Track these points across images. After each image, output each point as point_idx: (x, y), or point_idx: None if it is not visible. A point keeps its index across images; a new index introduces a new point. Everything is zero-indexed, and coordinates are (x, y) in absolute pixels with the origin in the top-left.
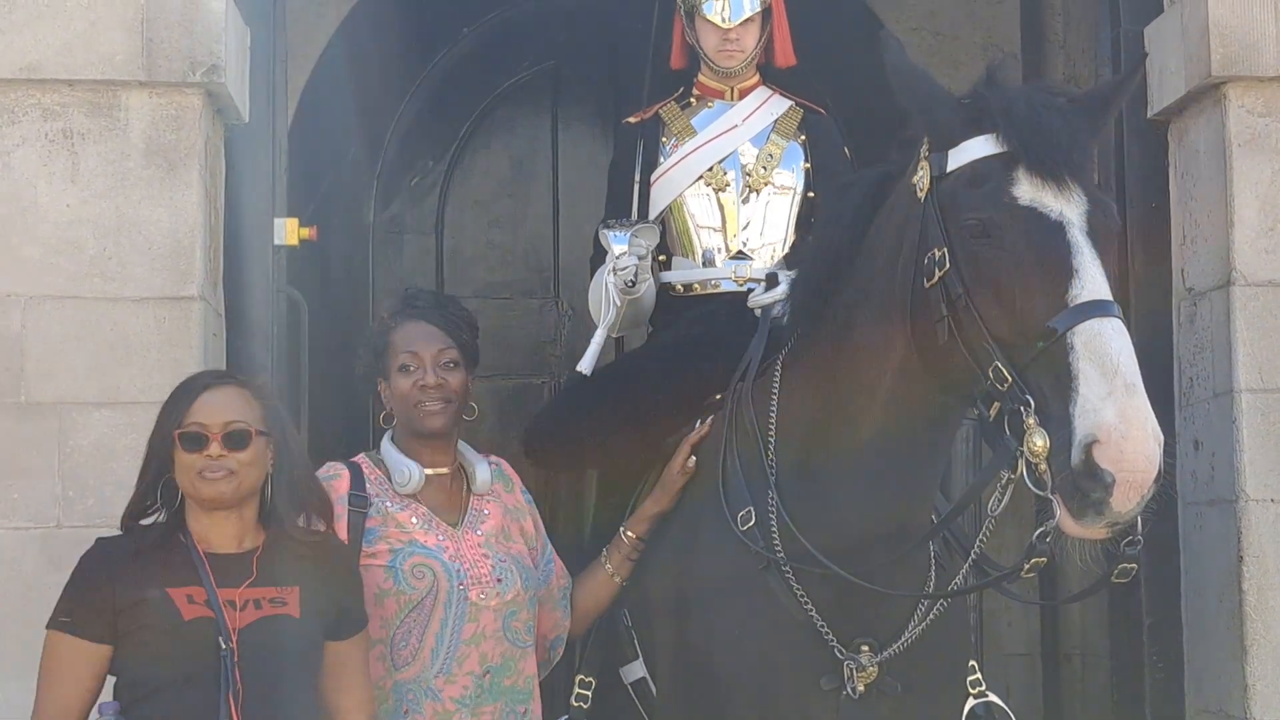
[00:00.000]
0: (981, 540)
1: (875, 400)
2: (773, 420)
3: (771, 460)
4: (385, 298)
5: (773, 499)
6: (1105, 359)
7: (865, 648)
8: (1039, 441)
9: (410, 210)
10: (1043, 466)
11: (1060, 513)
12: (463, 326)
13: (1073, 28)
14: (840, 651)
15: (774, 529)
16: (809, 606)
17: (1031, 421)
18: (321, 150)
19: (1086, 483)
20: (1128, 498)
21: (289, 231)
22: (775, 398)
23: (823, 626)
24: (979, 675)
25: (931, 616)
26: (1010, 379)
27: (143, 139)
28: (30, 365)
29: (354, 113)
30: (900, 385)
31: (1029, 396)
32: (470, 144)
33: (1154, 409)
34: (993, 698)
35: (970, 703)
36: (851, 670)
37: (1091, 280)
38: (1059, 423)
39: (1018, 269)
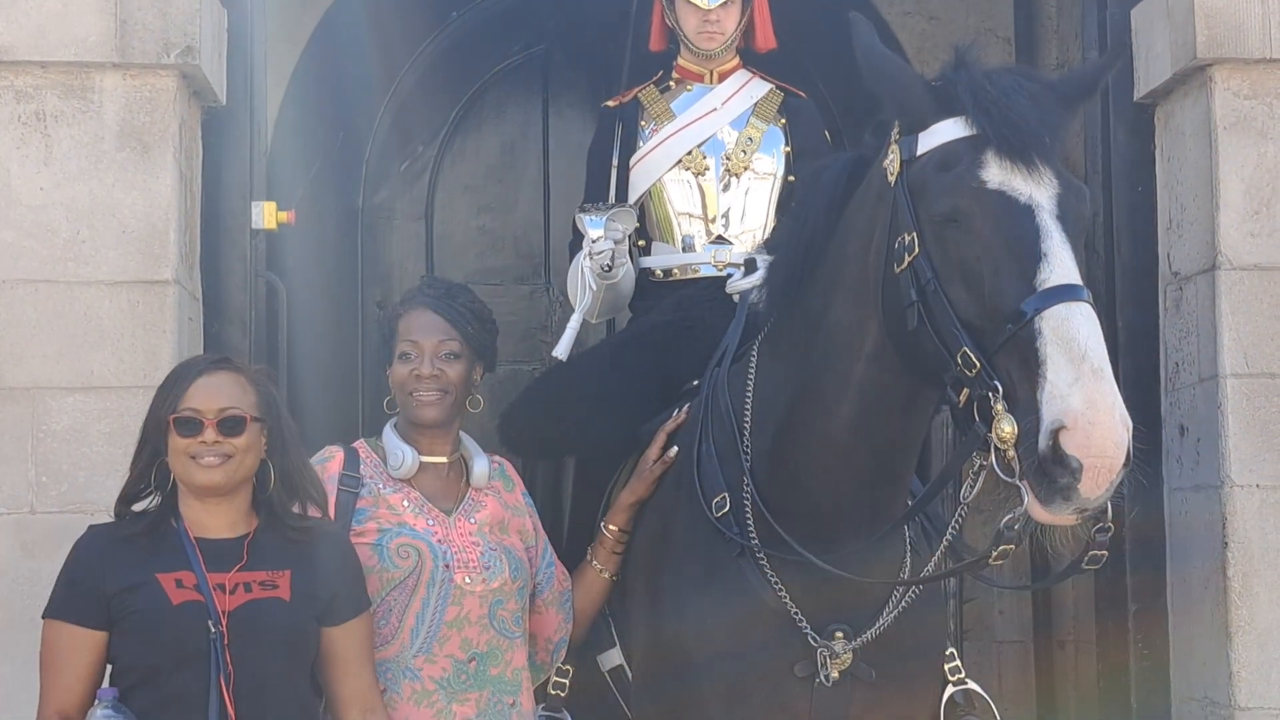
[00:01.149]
0: (955, 527)
1: (849, 386)
2: (748, 406)
3: (746, 446)
4: (374, 283)
5: (748, 485)
6: (1073, 344)
7: (839, 634)
8: (1007, 428)
9: (400, 195)
10: (1011, 453)
11: (1029, 499)
12: (470, 318)
13: (1065, 12)
14: (814, 639)
15: (748, 515)
16: (783, 593)
17: (999, 407)
18: (310, 134)
19: (1054, 469)
20: (1096, 484)
21: (267, 215)
22: (750, 383)
23: (796, 613)
24: (958, 663)
25: (906, 603)
26: (978, 365)
27: (116, 121)
28: (3, 350)
29: (343, 97)
30: (874, 371)
31: (997, 382)
32: (460, 129)
33: (1139, 393)
34: (972, 685)
35: (949, 690)
36: (825, 657)
37: (1060, 264)
38: (1027, 409)
39: (986, 253)
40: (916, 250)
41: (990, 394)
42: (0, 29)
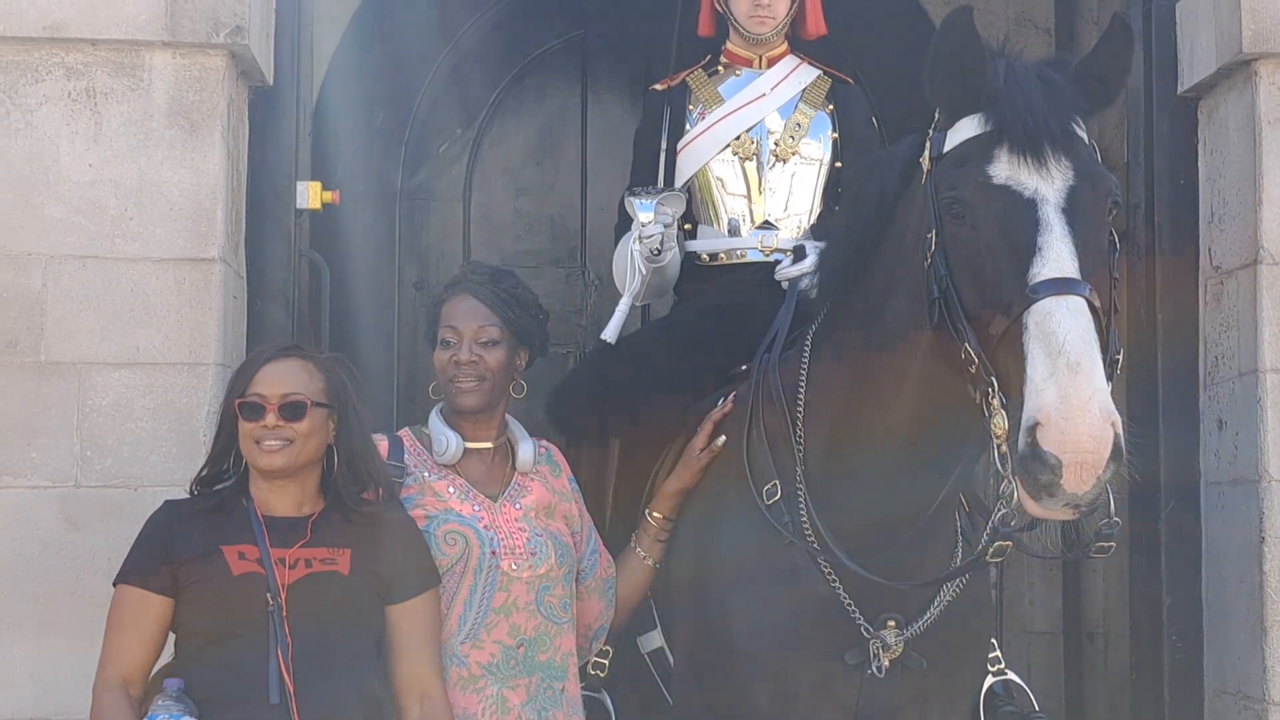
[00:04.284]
0: (995, 519)
1: (907, 379)
2: (801, 395)
3: (800, 436)
4: (412, 264)
5: (800, 475)
6: (1051, 338)
7: (891, 624)
8: (1000, 423)
9: (438, 177)
10: (1004, 448)
11: (1020, 494)
12: (512, 304)
13: (1106, 3)
14: (866, 630)
15: (800, 505)
16: (835, 582)
17: (995, 403)
18: (350, 115)
19: (1033, 465)
20: (1080, 479)
21: (311, 195)
22: (804, 372)
23: (849, 603)
24: (999, 653)
25: (955, 593)
26: (976, 360)
27: (165, 100)
28: (50, 324)
29: (383, 78)
30: (931, 367)
31: (993, 377)
32: (499, 112)
33: (1178, 387)
34: (1011, 676)
35: (989, 681)
36: (878, 648)
37: (1055, 258)
38: (1016, 405)
39: (987, 248)
40: (934, 246)
41: (989, 389)
42: (53, 5)
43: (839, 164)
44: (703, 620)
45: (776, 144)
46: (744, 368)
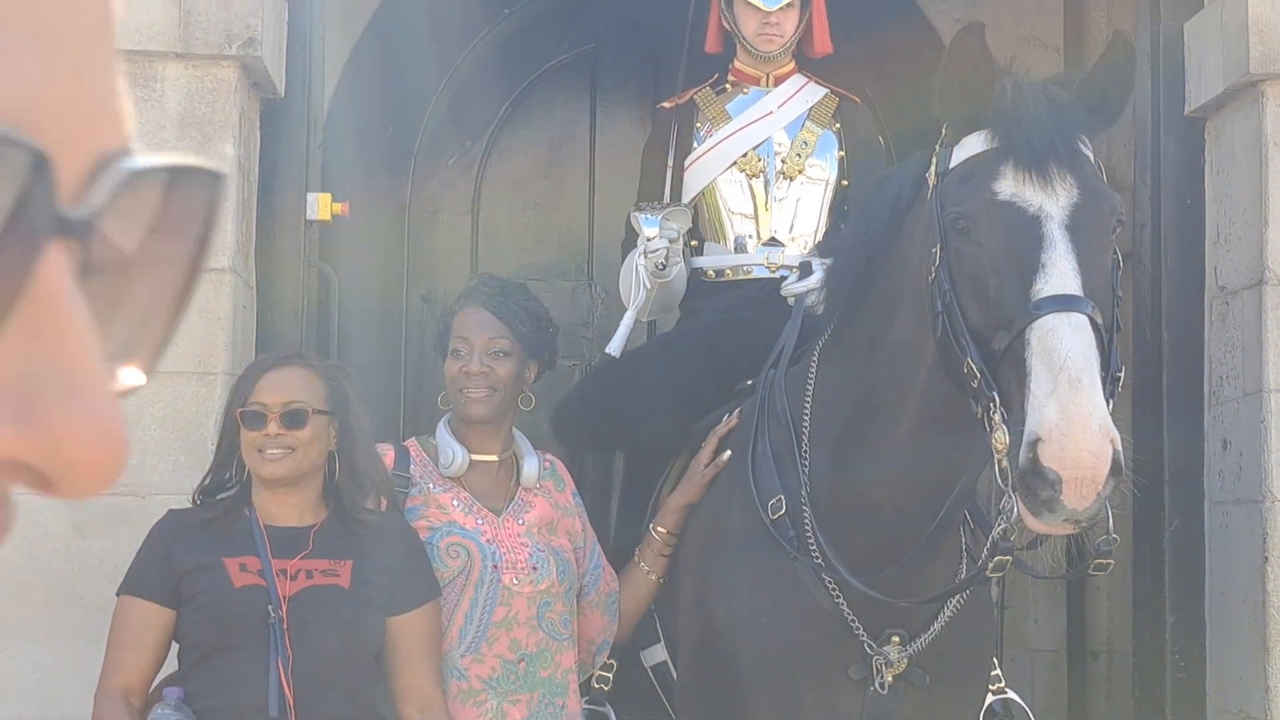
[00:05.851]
0: (997, 533)
1: (911, 396)
2: (806, 411)
3: (805, 451)
4: (420, 277)
5: (804, 493)
6: (1053, 355)
7: (895, 639)
8: (1001, 438)
9: (447, 189)
10: (1004, 463)
11: (1019, 509)
12: (522, 317)
13: (1115, 23)
14: (870, 646)
15: (805, 520)
16: (839, 597)
17: (996, 418)
18: (360, 127)
19: (1034, 481)
20: (1080, 495)
21: (322, 206)
22: (810, 388)
23: (853, 619)
24: (999, 671)
25: (956, 609)
26: (979, 375)
27: (178, 111)
28: None
29: (393, 91)
30: (936, 382)
31: (995, 393)
32: (508, 125)
33: (1182, 406)
34: (1011, 694)
35: (989, 699)
36: (881, 665)
37: (1058, 275)
38: (1018, 420)
39: (991, 264)
40: (938, 261)
41: (990, 404)
42: None
43: (845, 182)
44: (706, 635)
45: (783, 162)
46: (749, 383)
